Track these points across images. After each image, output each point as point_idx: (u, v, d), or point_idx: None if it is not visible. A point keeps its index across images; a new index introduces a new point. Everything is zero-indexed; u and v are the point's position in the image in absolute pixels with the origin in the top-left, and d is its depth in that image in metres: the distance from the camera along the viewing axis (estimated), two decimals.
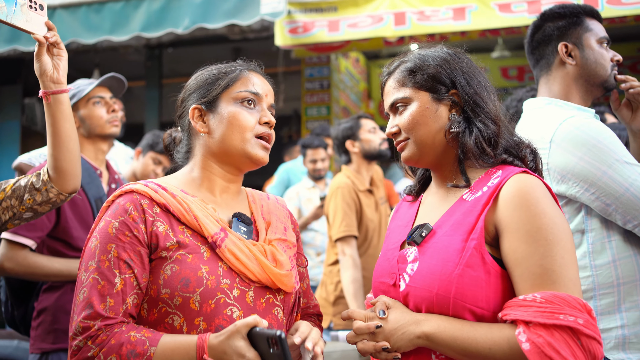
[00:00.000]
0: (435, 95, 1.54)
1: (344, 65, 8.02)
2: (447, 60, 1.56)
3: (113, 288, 1.42)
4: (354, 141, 3.86)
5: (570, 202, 1.92)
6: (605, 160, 1.83)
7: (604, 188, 1.82)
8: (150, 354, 1.36)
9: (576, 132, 1.88)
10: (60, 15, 5.72)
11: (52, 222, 2.53)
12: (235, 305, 1.48)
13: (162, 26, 5.47)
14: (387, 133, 1.63)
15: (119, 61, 7.66)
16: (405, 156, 1.59)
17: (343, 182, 3.78)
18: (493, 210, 1.42)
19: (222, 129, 1.59)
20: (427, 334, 1.39)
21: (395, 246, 1.61)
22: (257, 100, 1.63)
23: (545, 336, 1.26)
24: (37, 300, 2.61)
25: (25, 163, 3.50)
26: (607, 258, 1.88)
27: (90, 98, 2.75)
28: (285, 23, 5.44)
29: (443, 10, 5.10)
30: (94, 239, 1.48)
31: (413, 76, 1.57)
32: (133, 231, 1.47)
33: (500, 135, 1.52)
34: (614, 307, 1.86)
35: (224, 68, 1.67)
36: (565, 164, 1.88)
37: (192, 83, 1.69)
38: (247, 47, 7.43)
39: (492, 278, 1.38)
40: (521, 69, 8.13)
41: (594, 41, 2.06)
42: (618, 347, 1.83)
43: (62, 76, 1.88)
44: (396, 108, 1.60)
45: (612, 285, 1.86)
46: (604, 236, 1.89)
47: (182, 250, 1.48)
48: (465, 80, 1.54)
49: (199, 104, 1.63)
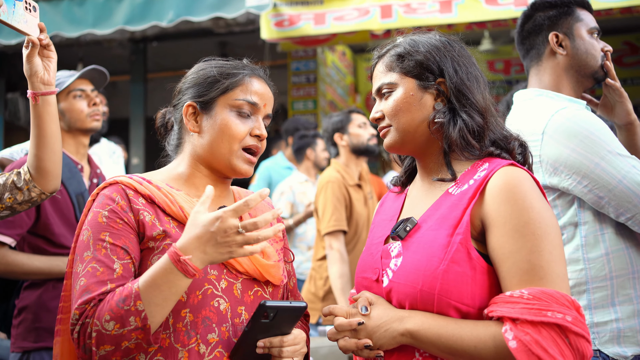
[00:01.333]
0: (421, 82, 1.51)
1: (331, 58, 7.99)
2: (438, 48, 1.53)
3: (113, 273, 1.40)
4: (342, 134, 3.87)
5: (563, 194, 1.91)
6: (597, 151, 1.81)
7: (596, 180, 1.81)
8: (136, 289, 1.34)
9: (568, 124, 1.86)
10: (42, 8, 5.61)
11: (32, 218, 2.48)
12: (222, 297, 1.48)
13: (146, 19, 5.42)
14: (370, 118, 1.60)
15: (103, 55, 7.58)
16: (387, 143, 1.57)
17: (333, 176, 3.77)
18: (479, 204, 1.39)
19: (212, 134, 1.57)
20: (411, 331, 1.36)
21: (379, 241, 1.58)
22: (254, 110, 1.61)
23: (532, 334, 1.23)
24: (17, 297, 2.57)
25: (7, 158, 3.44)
26: (600, 251, 1.86)
27: (71, 91, 2.69)
28: (270, 16, 5.40)
29: (429, 3, 5.09)
30: (85, 231, 1.47)
31: (401, 61, 1.53)
32: (123, 218, 1.46)
33: (487, 127, 1.49)
34: (608, 301, 1.84)
35: (226, 69, 1.62)
36: (557, 155, 1.86)
37: (192, 76, 1.65)
38: (233, 40, 7.38)
39: (478, 274, 1.34)
40: (507, 62, 8.15)
41: (584, 31, 2.05)
42: (613, 340, 1.82)
43: (52, 78, 1.88)
44: (382, 93, 1.57)
45: (606, 279, 1.85)
46: (597, 229, 1.88)
47: (169, 240, 1.47)
48: (453, 69, 1.50)
49: (194, 102, 1.60)
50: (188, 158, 1.62)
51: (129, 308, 1.32)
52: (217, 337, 1.46)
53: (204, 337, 1.45)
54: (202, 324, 1.45)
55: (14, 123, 7.97)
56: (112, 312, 1.32)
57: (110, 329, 1.32)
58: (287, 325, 1.46)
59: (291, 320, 1.46)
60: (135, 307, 1.32)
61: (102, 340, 1.33)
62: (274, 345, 1.44)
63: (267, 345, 1.44)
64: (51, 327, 2.42)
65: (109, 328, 1.32)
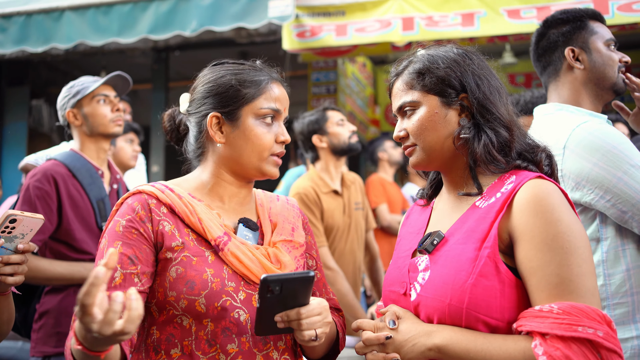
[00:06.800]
0: (444, 99, 1.49)
1: (351, 70, 8.00)
2: (458, 62, 1.51)
3: (112, 282, 1.42)
4: (321, 136, 3.55)
5: (585, 210, 1.89)
6: (620, 166, 1.79)
7: (619, 195, 1.79)
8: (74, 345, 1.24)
9: (590, 138, 1.85)
10: (68, 16, 5.72)
11: (54, 224, 2.51)
12: (242, 308, 1.48)
13: (169, 28, 5.46)
14: (394, 137, 1.58)
15: (125, 64, 7.66)
16: (413, 162, 1.56)
17: (302, 187, 3.41)
18: (507, 217, 1.37)
19: (241, 145, 1.58)
20: (439, 346, 1.34)
21: (406, 254, 1.57)
22: (276, 116, 1.62)
23: (562, 349, 1.21)
24: (38, 302, 2.59)
25: (32, 164, 3.50)
26: (621, 267, 1.84)
27: (95, 96, 2.73)
28: (292, 27, 5.43)
29: (451, 16, 5.08)
30: (104, 239, 1.49)
31: (422, 79, 1.52)
32: (139, 229, 1.48)
33: (512, 140, 1.47)
34: (629, 317, 1.82)
35: (246, 75, 1.61)
36: (579, 170, 1.84)
37: (211, 85, 1.62)
38: (254, 51, 7.42)
39: (507, 288, 1.33)
40: (528, 76, 8.10)
41: (601, 44, 2.03)
42: (634, 357, 1.80)
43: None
44: (404, 112, 1.55)
45: (626, 295, 1.83)
46: (618, 245, 1.85)
47: (187, 252, 1.48)
48: (475, 83, 1.48)
49: (219, 112, 1.59)
50: (212, 166, 1.62)
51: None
52: (236, 348, 1.46)
53: (224, 348, 1.45)
54: (222, 334, 1.45)
55: (38, 129, 8.09)
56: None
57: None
58: (302, 296, 1.41)
59: (304, 290, 1.40)
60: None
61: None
62: (292, 318, 1.41)
63: (284, 319, 1.41)
64: None
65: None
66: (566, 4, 4.70)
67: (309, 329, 1.41)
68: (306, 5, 5.42)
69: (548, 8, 4.77)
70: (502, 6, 4.97)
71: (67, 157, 2.67)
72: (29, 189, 2.50)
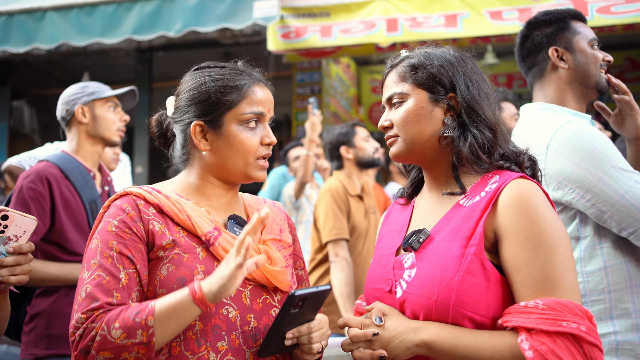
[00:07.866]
0: (432, 95, 1.53)
1: (335, 70, 8.03)
2: (452, 63, 1.55)
3: (119, 283, 1.41)
4: (348, 147, 3.92)
5: (566, 209, 1.93)
6: (601, 166, 1.83)
7: (599, 195, 1.82)
8: (152, 307, 1.35)
9: (573, 138, 1.88)
10: (51, 17, 5.67)
11: (47, 225, 2.50)
12: (231, 305, 1.48)
13: (154, 29, 5.44)
14: (379, 126, 1.61)
15: (109, 64, 7.63)
16: (393, 152, 1.58)
17: (334, 185, 3.81)
18: (492, 216, 1.41)
19: (226, 152, 1.58)
20: (427, 342, 1.37)
21: (390, 252, 1.59)
22: (260, 119, 1.62)
23: (548, 343, 1.25)
24: (29, 304, 2.58)
25: (15, 165, 3.48)
26: (597, 265, 1.88)
27: (109, 101, 2.80)
28: (277, 28, 5.44)
29: (435, 17, 5.13)
30: (95, 239, 1.48)
31: (414, 72, 1.55)
32: (132, 228, 1.48)
33: (497, 142, 1.51)
34: (606, 314, 1.86)
35: (227, 81, 1.59)
36: (562, 170, 1.88)
37: (192, 93, 1.60)
38: (238, 51, 7.37)
39: (492, 284, 1.36)
40: (510, 76, 8.20)
41: (585, 43, 2.07)
42: (611, 352, 1.84)
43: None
44: (393, 103, 1.58)
45: (603, 292, 1.86)
46: (595, 243, 1.89)
47: (178, 249, 1.48)
48: (465, 84, 1.52)
49: (202, 121, 1.58)
50: (198, 170, 1.63)
51: (139, 321, 1.33)
52: (226, 345, 1.46)
53: (214, 345, 1.45)
54: (211, 332, 1.45)
55: (19, 130, 8.01)
56: (122, 321, 1.33)
57: (116, 337, 1.32)
58: (311, 312, 1.45)
59: (316, 306, 1.45)
60: (145, 321, 1.33)
61: (104, 345, 1.33)
62: (303, 334, 1.44)
63: (295, 335, 1.44)
64: (64, 334, 2.43)
65: (115, 335, 1.33)
66: (547, 5, 4.77)
67: (318, 343, 1.46)
68: (291, 6, 5.44)
69: (530, 10, 4.84)
70: (485, 7, 5.04)
71: (60, 159, 2.67)
72: (23, 190, 2.49)
